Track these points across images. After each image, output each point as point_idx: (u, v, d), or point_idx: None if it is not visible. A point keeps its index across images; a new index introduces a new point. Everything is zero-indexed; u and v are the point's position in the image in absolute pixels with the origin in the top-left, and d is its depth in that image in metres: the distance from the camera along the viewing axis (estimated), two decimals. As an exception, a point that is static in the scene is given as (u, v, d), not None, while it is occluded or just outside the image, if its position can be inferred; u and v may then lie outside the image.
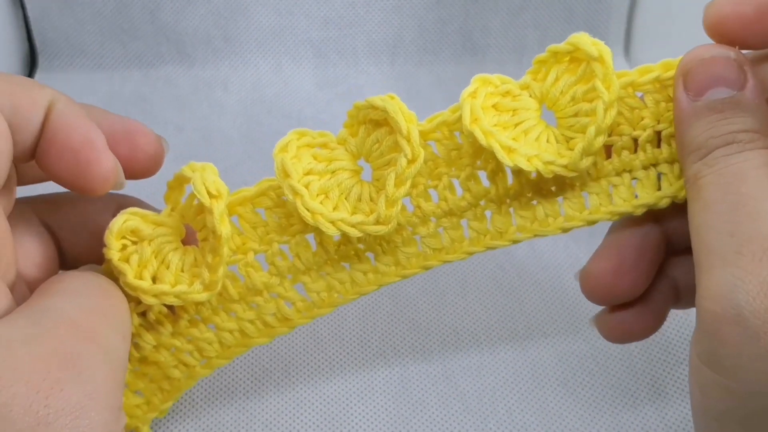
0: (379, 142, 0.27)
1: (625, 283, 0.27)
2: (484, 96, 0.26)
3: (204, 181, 0.25)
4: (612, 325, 0.29)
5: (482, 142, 0.25)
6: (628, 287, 0.27)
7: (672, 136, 0.26)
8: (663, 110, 0.26)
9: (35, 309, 0.22)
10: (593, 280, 0.28)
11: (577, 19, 0.51)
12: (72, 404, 0.20)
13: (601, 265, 0.28)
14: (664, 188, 0.27)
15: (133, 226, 0.26)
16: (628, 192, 0.27)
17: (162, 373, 0.29)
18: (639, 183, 0.27)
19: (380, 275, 0.28)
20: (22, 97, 0.23)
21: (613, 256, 0.27)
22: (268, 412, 0.34)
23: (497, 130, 0.26)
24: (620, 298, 0.28)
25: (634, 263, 0.27)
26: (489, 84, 0.26)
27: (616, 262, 0.27)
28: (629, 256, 0.27)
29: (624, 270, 0.27)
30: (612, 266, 0.27)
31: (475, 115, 0.26)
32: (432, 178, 0.27)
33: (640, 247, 0.27)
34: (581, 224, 0.27)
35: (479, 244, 0.28)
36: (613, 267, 0.27)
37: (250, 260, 0.28)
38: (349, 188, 0.27)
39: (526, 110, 0.26)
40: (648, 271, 0.28)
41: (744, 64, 0.24)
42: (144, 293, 0.26)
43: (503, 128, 0.26)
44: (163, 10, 0.49)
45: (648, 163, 0.27)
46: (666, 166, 0.27)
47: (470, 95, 0.26)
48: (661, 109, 0.26)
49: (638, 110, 0.26)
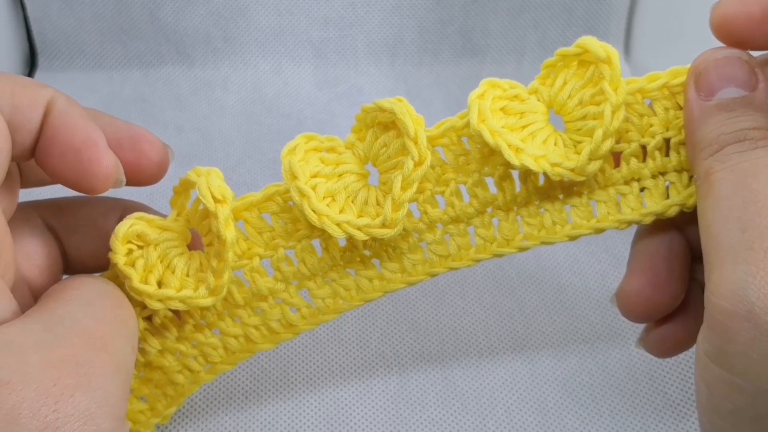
0: (387, 145, 0.27)
1: (663, 295, 0.27)
2: (492, 99, 0.26)
3: (209, 185, 0.25)
4: (660, 341, 0.28)
5: (489, 142, 0.25)
6: (668, 298, 0.27)
7: (681, 144, 0.26)
8: (672, 118, 0.26)
9: (48, 315, 0.22)
10: (633, 298, 0.27)
11: (576, 19, 0.51)
12: (80, 411, 0.20)
13: (637, 282, 0.27)
14: (672, 196, 0.27)
15: (139, 230, 0.26)
16: (636, 200, 0.27)
17: (166, 379, 0.29)
18: (647, 192, 0.27)
19: (386, 282, 0.28)
20: (22, 96, 0.23)
21: (647, 270, 0.27)
22: (267, 413, 0.34)
23: (505, 131, 0.26)
24: (661, 312, 0.27)
25: (667, 273, 0.27)
26: (497, 87, 0.26)
27: (650, 275, 0.27)
28: (662, 267, 0.27)
29: (659, 282, 0.27)
30: (647, 280, 0.27)
31: (483, 115, 0.26)
32: (439, 184, 0.27)
33: (669, 257, 0.27)
34: (588, 232, 0.27)
35: (486, 251, 0.28)
36: (649, 281, 0.27)
37: (255, 265, 0.28)
38: (355, 191, 0.27)
39: (534, 113, 0.26)
40: (682, 278, 0.27)
41: (755, 66, 0.24)
42: (149, 298, 0.26)
43: (511, 130, 0.26)
44: (163, 10, 0.49)
45: (656, 171, 0.27)
46: (674, 174, 0.27)
47: (478, 96, 0.26)
48: (670, 117, 0.26)
49: (647, 117, 0.26)
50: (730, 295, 0.21)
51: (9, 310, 0.22)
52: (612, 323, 0.38)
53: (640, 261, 0.27)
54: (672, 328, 0.28)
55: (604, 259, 0.41)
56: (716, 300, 0.22)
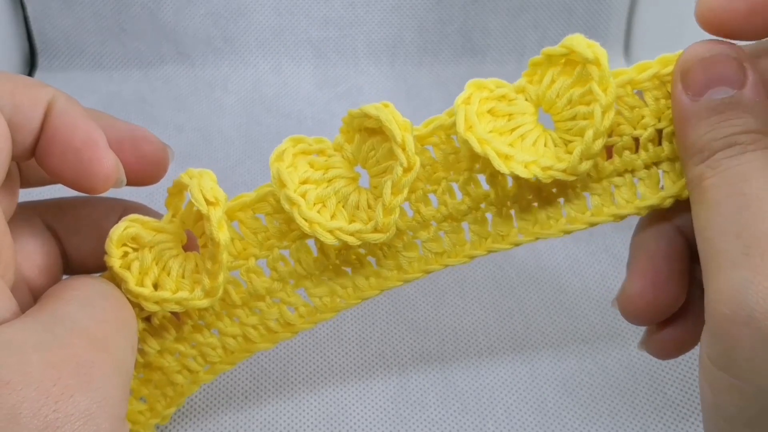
0: (375, 149, 0.26)
1: (665, 296, 0.27)
2: (479, 101, 0.26)
3: (201, 188, 0.25)
4: (663, 343, 0.28)
5: (477, 150, 0.25)
6: (670, 299, 0.27)
7: (674, 134, 0.26)
8: (663, 108, 0.26)
9: (49, 315, 0.22)
10: (635, 300, 0.27)
11: (576, 19, 0.51)
12: (81, 411, 0.20)
13: (639, 284, 0.27)
14: (667, 187, 0.26)
15: (134, 233, 0.26)
16: (631, 192, 0.27)
17: (166, 379, 0.29)
18: (641, 182, 0.27)
19: (382, 279, 0.28)
20: (22, 95, 0.23)
21: (648, 271, 0.27)
22: (266, 413, 0.34)
23: (493, 137, 0.25)
24: (663, 314, 0.27)
25: (668, 273, 0.27)
26: (483, 89, 0.26)
27: (651, 276, 0.27)
28: (662, 267, 0.27)
29: (661, 282, 0.27)
30: (649, 281, 0.27)
31: (469, 122, 0.25)
32: (431, 183, 0.27)
33: (669, 256, 0.27)
34: (584, 226, 0.27)
35: (481, 247, 0.28)
36: (650, 282, 0.27)
37: (251, 266, 0.28)
38: (346, 196, 0.27)
39: (522, 114, 0.26)
40: (683, 278, 0.27)
41: (743, 60, 0.23)
42: (145, 300, 0.26)
43: (499, 134, 0.26)
44: (163, 10, 0.49)
45: (650, 161, 0.26)
46: (668, 164, 0.26)
47: (464, 101, 0.25)
48: (662, 107, 0.26)
49: (638, 109, 0.26)
50: (729, 301, 0.21)
51: (9, 310, 0.22)
52: (612, 324, 0.38)
53: (640, 262, 0.27)
54: (674, 330, 0.28)
55: (604, 260, 0.41)
56: (716, 306, 0.22)
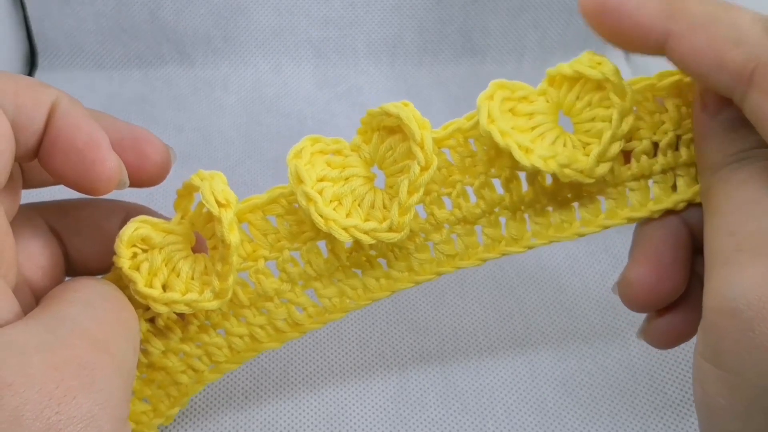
0: (393, 149, 0.27)
1: (667, 283, 0.27)
2: (501, 100, 0.26)
3: (213, 190, 0.25)
4: (662, 332, 0.28)
5: (499, 142, 0.25)
6: (671, 287, 0.27)
7: (692, 141, 0.26)
8: (685, 115, 0.26)
9: (50, 316, 0.22)
10: (636, 285, 0.27)
11: (577, 19, 0.51)
12: (83, 412, 0.20)
13: (641, 270, 0.27)
14: (680, 191, 0.27)
15: (144, 234, 0.26)
16: (644, 195, 0.27)
17: (170, 379, 0.29)
18: (656, 185, 0.27)
19: (393, 281, 0.28)
20: (25, 96, 0.23)
21: (651, 257, 0.27)
22: (267, 413, 0.34)
23: (514, 132, 0.26)
24: (663, 301, 0.27)
25: (672, 261, 0.27)
26: (506, 89, 0.26)
27: (654, 262, 0.27)
28: (666, 255, 0.27)
29: (663, 269, 0.27)
30: (651, 268, 0.27)
31: (492, 116, 0.25)
32: (446, 186, 0.27)
33: (673, 244, 0.27)
34: (598, 229, 0.27)
35: (494, 250, 0.28)
36: (653, 268, 0.27)
37: (260, 267, 0.27)
38: (362, 195, 0.27)
39: (543, 114, 0.26)
40: (685, 268, 0.27)
41: None
42: (155, 301, 0.26)
43: (520, 132, 0.26)
44: (163, 10, 0.49)
45: (667, 167, 0.27)
46: (684, 168, 0.27)
47: (487, 97, 0.26)
48: (683, 114, 0.26)
49: (658, 114, 0.26)
50: (717, 294, 0.22)
51: (11, 311, 0.22)
52: (612, 323, 0.38)
53: (644, 248, 0.27)
54: (673, 319, 0.28)
55: (604, 259, 0.41)
56: (707, 301, 0.22)
